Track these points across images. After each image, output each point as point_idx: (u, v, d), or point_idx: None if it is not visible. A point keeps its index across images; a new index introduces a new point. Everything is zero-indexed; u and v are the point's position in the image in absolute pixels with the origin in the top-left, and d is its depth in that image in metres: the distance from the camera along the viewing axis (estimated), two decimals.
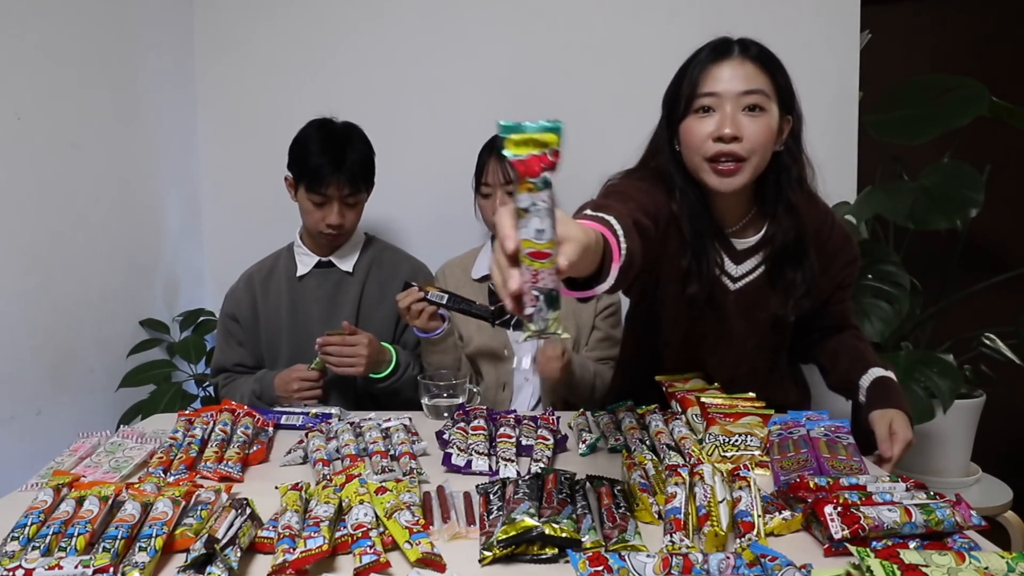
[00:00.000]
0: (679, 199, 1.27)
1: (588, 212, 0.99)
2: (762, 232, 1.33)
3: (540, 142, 0.72)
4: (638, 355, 1.54)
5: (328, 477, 1.05)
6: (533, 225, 0.71)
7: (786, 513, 0.94)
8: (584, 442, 1.27)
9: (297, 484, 1.01)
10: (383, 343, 1.68)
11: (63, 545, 0.86)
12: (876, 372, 1.36)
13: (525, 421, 1.31)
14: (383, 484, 0.98)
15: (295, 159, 1.72)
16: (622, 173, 1.34)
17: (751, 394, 1.42)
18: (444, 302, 1.52)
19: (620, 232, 0.94)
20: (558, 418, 1.36)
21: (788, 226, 1.28)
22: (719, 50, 1.24)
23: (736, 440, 1.20)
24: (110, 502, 0.96)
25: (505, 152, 0.72)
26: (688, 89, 1.24)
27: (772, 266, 1.34)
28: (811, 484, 0.97)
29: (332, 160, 1.65)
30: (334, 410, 1.49)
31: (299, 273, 1.81)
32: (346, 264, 1.80)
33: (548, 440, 1.23)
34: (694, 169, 1.26)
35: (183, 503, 0.97)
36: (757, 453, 1.18)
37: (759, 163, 1.23)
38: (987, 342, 2.00)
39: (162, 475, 1.14)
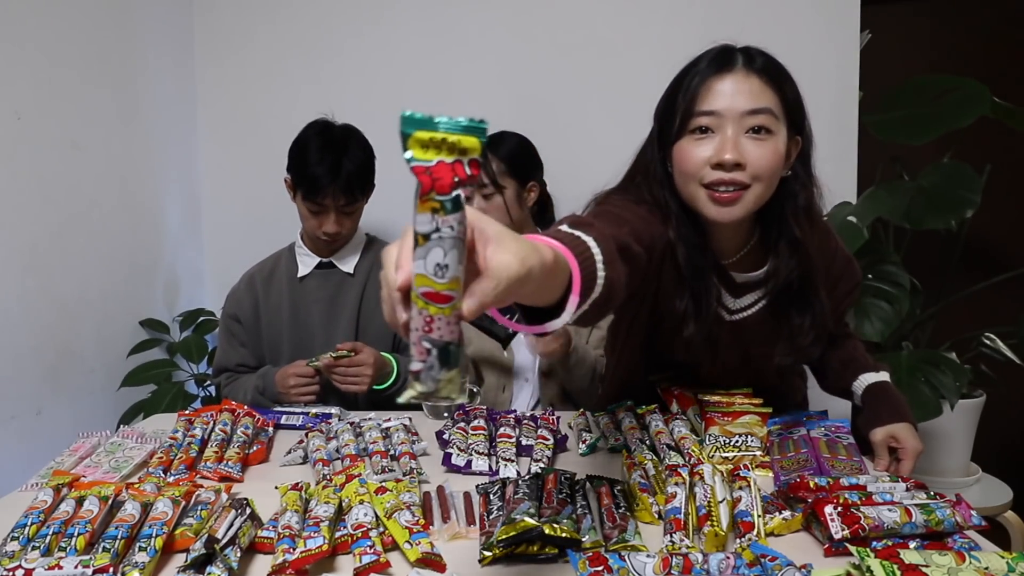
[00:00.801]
0: (675, 226, 1.11)
1: (563, 228, 0.81)
2: (764, 269, 1.19)
3: (456, 146, 0.54)
4: (627, 367, 1.41)
5: (328, 477, 1.05)
6: (433, 258, 0.53)
7: (786, 513, 0.94)
8: (584, 442, 1.27)
9: (297, 484, 1.01)
10: (384, 353, 1.67)
11: (63, 545, 0.86)
12: (868, 378, 1.28)
13: (525, 421, 1.31)
14: (383, 484, 0.98)
15: (294, 164, 1.71)
16: (611, 190, 1.19)
17: (748, 389, 1.42)
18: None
19: (599, 259, 0.77)
20: (558, 418, 1.36)
21: (792, 264, 1.13)
22: (720, 60, 1.06)
23: (736, 441, 1.20)
24: (110, 502, 0.96)
25: (407, 155, 0.54)
26: (684, 105, 1.06)
27: (775, 305, 1.20)
28: (811, 484, 0.97)
29: (329, 170, 1.63)
30: (334, 410, 1.49)
31: (300, 274, 1.81)
32: (347, 265, 1.80)
33: (548, 440, 1.23)
34: (689, 197, 1.10)
35: (183, 503, 0.97)
36: (758, 453, 1.18)
37: (764, 192, 1.06)
38: (987, 342, 2.00)
39: (162, 475, 1.14)
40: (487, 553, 0.86)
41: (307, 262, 1.81)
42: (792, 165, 1.10)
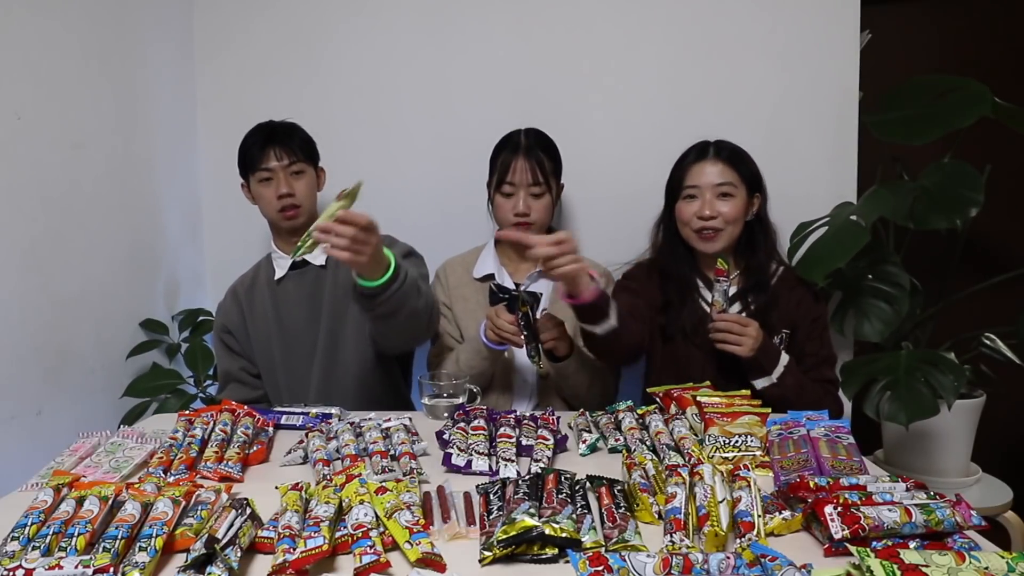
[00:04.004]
0: (672, 255, 1.72)
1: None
2: (740, 274, 1.69)
3: None
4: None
5: (328, 477, 1.05)
6: None
7: (786, 513, 0.94)
8: (584, 442, 1.28)
9: (297, 484, 1.01)
10: (386, 249, 1.44)
11: (63, 545, 0.86)
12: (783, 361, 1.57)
13: (525, 421, 1.31)
14: (383, 484, 0.98)
15: (239, 159, 1.79)
16: (632, 267, 1.80)
17: (747, 391, 1.43)
18: (530, 324, 1.52)
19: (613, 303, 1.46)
20: (558, 418, 1.36)
21: (760, 279, 1.66)
22: (700, 152, 1.67)
23: (736, 441, 1.20)
24: (110, 502, 0.96)
25: None
26: (678, 181, 1.68)
27: (752, 312, 1.64)
28: (811, 484, 0.97)
29: (265, 137, 1.75)
30: (334, 410, 1.49)
31: (277, 276, 1.82)
32: (319, 259, 1.81)
33: (548, 440, 1.23)
34: (685, 236, 1.69)
35: (183, 503, 0.97)
36: (758, 453, 1.18)
37: (733, 231, 1.64)
38: (987, 342, 1.99)
39: (162, 475, 1.14)
40: (487, 553, 0.86)
41: (282, 264, 1.83)
42: (757, 212, 1.68)
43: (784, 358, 1.56)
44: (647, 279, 1.73)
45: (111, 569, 0.81)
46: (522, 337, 1.53)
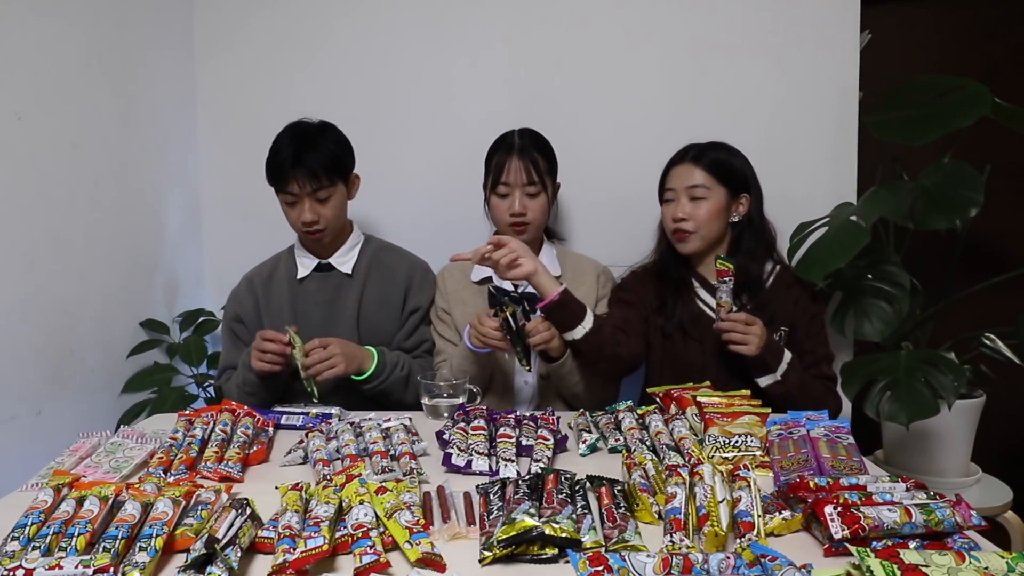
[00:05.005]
0: (669, 253, 1.75)
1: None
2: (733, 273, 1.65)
3: None
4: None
5: (328, 477, 1.05)
6: None
7: (786, 513, 0.94)
8: (584, 442, 1.28)
9: (297, 484, 1.01)
10: (368, 347, 1.67)
11: (63, 545, 0.86)
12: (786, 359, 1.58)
13: (525, 421, 1.31)
14: (383, 484, 0.98)
15: (266, 164, 1.71)
16: (626, 275, 1.81)
17: (747, 392, 1.43)
18: (513, 328, 1.51)
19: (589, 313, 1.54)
20: (558, 418, 1.37)
21: (751, 280, 1.66)
22: (680, 155, 1.71)
23: (736, 441, 1.20)
24: (110, 502, 0.96)
25: None
26: (662, 183, 1.73)
27: (748, 310, 1.63)
28: (811, 484, 0.97)
29: (292, 157, 1.64)
30: (334, 410, 1.49)
31: (299, 276, 1.81)
32: (345, 266, 1.80)
33: (548, 440, 1.23)
34: (667, 234, 1.74)
35: (183, 503, 0.97)
36: (758, 454, 1.18)
37: (706, 233, 1.66)
38: (987, 342, 1.99)
39: (162, 475, 1.15)
40: (487, 553, 0.86)
41: (306, 264, 1.81)
42: (747, 215, 1.69)
43: (787, 355, 1.57)
44: (641, 285, 1.75)
45: (111, 569, 0.81)
46: (507, 341, 1.52)
